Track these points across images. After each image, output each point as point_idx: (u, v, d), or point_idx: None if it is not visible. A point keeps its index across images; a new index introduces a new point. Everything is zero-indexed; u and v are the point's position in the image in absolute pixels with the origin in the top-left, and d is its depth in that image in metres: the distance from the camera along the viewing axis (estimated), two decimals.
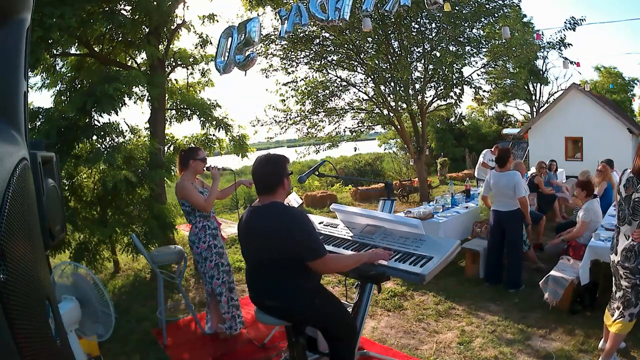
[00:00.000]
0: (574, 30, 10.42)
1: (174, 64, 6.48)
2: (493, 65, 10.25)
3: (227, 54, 4.01)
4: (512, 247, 4.60)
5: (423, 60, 9.84)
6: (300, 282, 2.19)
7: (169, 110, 6.37)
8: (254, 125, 10.41)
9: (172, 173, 5.66)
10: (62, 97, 5.60)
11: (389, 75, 9.49)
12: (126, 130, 5.57)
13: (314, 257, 2.11)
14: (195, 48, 6.56)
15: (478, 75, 10.48)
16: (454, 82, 9.60)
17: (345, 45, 9.70)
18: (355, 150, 12.94)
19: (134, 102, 5.87)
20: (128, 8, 5.48)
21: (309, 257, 2.12)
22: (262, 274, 2.27)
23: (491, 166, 7.70)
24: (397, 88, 9.34)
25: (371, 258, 2.31)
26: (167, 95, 6.17)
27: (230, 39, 4.01)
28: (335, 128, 10.80)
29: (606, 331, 3.12)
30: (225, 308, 3.57)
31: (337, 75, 10.50)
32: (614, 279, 2.96)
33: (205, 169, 3.56)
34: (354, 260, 2.29)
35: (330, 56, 10.03)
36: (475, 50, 9.82)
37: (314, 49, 9.83)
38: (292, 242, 2.10)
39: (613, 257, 2.92)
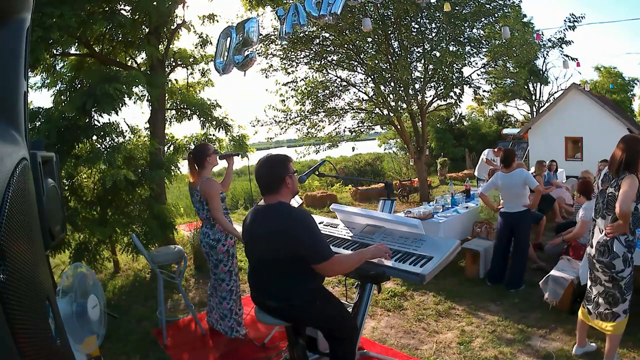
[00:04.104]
0: (574, 30, 10.46)
1: (174, 64, 6.48)
2: (493, 65, 10.26)
3: (226, 54, 4.01)
4: (518, 247, 4.59)
5: (423, 60, 9.84)
6: (302, 283, 2.19)
7: (169, 110, 6.37)
8: (254, 126, 10.43)
9: (172, 173, 5.66)
10: (62, 97, 5.59)
11: (389, 75, 9.49)
12: (126, 130, 5.58)
13: (321, 260, 2.10)
14: (195, 48, 6.57)
15: (478, 75, 10.50)
16: (454, 82, 9.60)
17: (345, 45, 9.70)
18: (353, 150, 12.94)
19: (134, 102, 5.87)
20: (128, 8, 5.48)
21: (315, 260, 2.10)
22: (264, 274, 2.27)
23: (495, 164, 7.72)
24: (397, 88, 9.34)
25: (374, 254, 2.31)
26: (167, 95, 6.17)
27: (229, 39, 4.01)
28: (335, 128, 10.81)
29: (580, 333, 3.12)
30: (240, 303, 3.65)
31: (337, 75, 10.51)
32: (589, 272, 2.98)
33: (219, 158, 3.64)
34: (358, 258, 2.27)
35: (330, 56, 10.03)
36: (475, 50, 9.83)
37: (314, 49, 9.84)
38: (298, 245, 2.09)
39: (589, 249, 2.96)
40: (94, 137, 5.14)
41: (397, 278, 4.24)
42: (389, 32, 9.47)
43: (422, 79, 9.94)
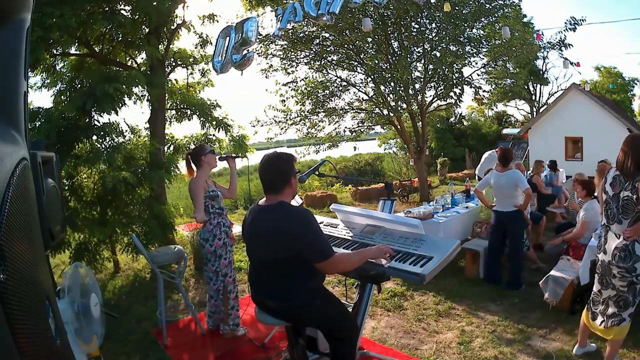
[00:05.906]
0: (574, 31, 10.45)
1: (174, 64, 6.49)
2: (493, 66, 10.26)
3: (224, 53, 4.02)
4: (513, 248, 4.60)
5: (423, 60, 9.85)
6: (303, 283, 2.19)
7: (169, 110, 6.37)
8: (254, 126, 10.44)
9: (172, 173, 5.66)
10: (62, 97, 5.60)
11: (389, 75, 9.49)
12: (126, 130, 5.58)
13: (323, 259, 2.11)
14: (195, 48, 6.57)
15: (478, 75, 10.50)
16: (454, 82, 9.60)
17: (345, 46, 9.70)
18: (355, 150, 12.94)
19: (134, 102, 5.87)
20: (128, 8, 5.48)
21: (318, 258, 2.11)
22: (265, 274, 2.27)
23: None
24: (397, 88, 9.34)
25: (376, 254, 2.30)
26: (167, 95, 6.17)
27: (228, 38, 4.01)
28: (335, 128, 10.81)
29: (582, 333, 3.11)
30: (232, 304, 3.67)
31: (337, 75, 10.51)
32: (598, 277, 2.90)
33: (218, 159, 3.70)
34: (359, 257, 2.26)
35: (330, 56, 10.03)
36: (475, 50, 9.83)
37: (314, 49, 9.83)
38: (300, 244, 2.09)
39: (602, 256, 2.84)
40: (94, 137, 5.14)
41: (397, 278, 4.24)
42: (389, 32, 9.47)
43: (422, 79, 9.94)
